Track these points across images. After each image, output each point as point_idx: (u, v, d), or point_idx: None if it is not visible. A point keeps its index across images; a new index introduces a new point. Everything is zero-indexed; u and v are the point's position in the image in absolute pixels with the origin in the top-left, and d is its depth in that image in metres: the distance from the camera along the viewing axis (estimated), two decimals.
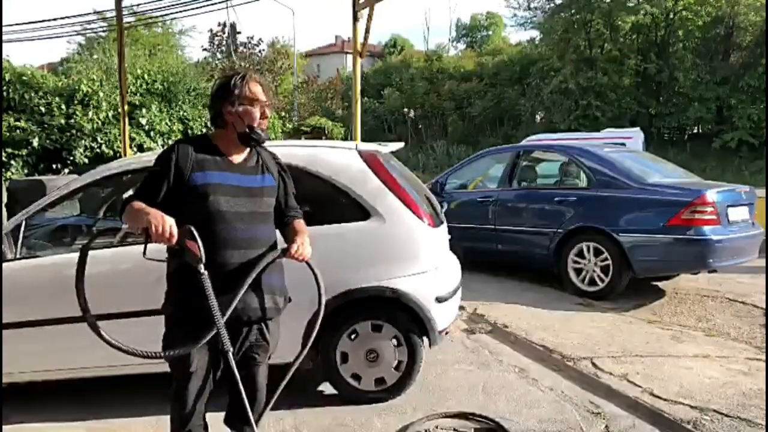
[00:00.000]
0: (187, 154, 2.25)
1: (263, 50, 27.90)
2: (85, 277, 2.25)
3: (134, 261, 3.50)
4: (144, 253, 2.17)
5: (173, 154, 2.25)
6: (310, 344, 2.48)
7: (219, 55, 24.70)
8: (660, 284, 6.64)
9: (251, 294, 2.30)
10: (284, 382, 2.43)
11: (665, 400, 3.65)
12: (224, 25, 24.15)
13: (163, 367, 2.49)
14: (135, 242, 3.30)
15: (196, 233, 2.10)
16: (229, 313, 2.20)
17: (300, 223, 2.52)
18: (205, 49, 26.36)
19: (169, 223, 2.05)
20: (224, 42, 24.64)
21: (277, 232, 2.51)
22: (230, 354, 2.25)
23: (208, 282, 2.14)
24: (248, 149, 2.39)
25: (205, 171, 2.25)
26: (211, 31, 25.36)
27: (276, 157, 2.52)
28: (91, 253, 2.30)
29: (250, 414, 2.36)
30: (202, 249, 2.10)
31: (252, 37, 26.07)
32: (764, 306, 5.65)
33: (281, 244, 2.45)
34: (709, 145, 22.62)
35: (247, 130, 2.29)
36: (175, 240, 2.06)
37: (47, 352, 3.59)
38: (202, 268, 2.12)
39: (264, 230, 2.37)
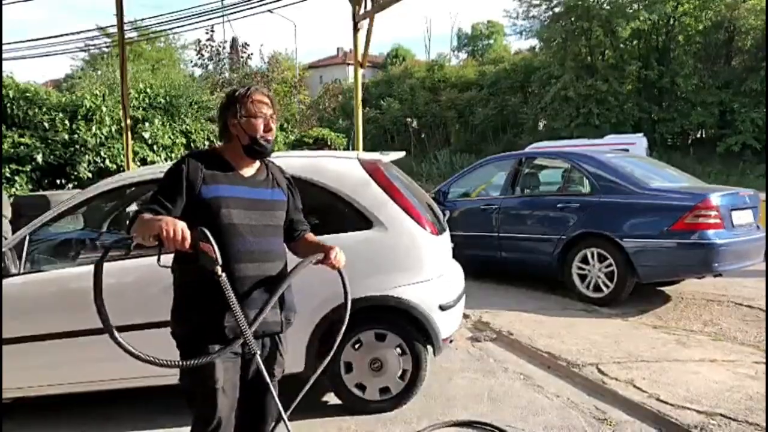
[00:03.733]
0: (197, 167, 2.21)
1: (258, 61, 27.84)
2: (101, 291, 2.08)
3: (138, 273, 3.55)
4: (159, 260, 2.06)
5: (183, 166, 2.21)
6: (331, 355, 2.43)
7: (211, 67, 24.44)
8: (665, 289, 6.61)
9: (277, 305, 2.26)
10: (301, 395, 2.34)
11: (672, 405, 3.62)
12: (212, 32, 23.79)
13: (169, 380, 2.46)
14: (139, 254, 3.32)
15: (209, 234, 2.00)
16: (256, 324, 2.13)
17: (313, 237, 2.49)
18: (195, 65, 26.02)
19: (181, 227, 1.96)
20: (215, 52, 24.34)
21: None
22: (258, 357, 2.17)
23: (228, 285, 2.04)
24: (258, 163, 2.36)
25: (216, 184, 2.21)
26: (198, 41, 24.89)
27: (284, 172, 2.49)
28: (84, 268, 2.26)
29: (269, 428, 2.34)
30: (217, 250, 1.99)
31: (245, 44, 25.67)
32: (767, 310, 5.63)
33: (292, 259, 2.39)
34: (712, 149, 22.63)
35: (249, 142, 2.26)
36: (188, 243, 1.95)
37: (53, 367, 3.59)
38: (219, 270, 2.01)
39: (276, 243, 2.33)
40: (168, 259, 2.15)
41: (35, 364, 3.55)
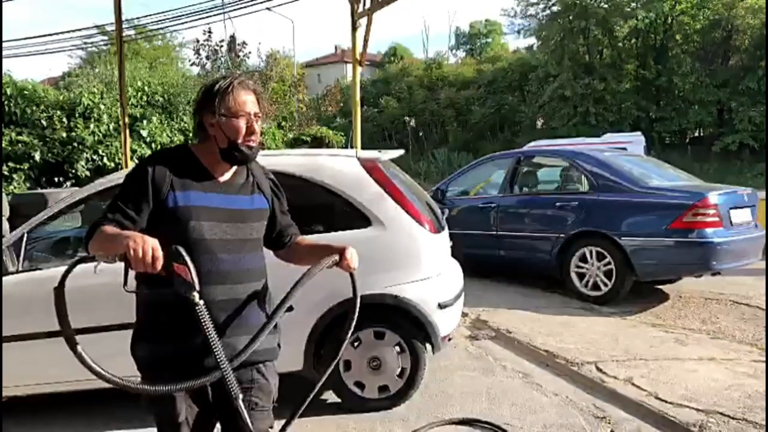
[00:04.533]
0: (164, 169, 1.87)
1: (257, 60, 27.75)
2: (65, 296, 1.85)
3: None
4: (125, 284, 1.79)
5: (149, 168, 1.86)
6: (339, 359, 2.25)
7: (209, 66, 24.35)
8: (663, 287, 6.61)
9: (242, 335, 1.90)
10: (309, 398, 2.09)
11: (670, 403, 3.62)
12: (210, 33, 23.72)
13: None
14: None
15: (185, 254, 1.68)
16: (243, 357, 1.82)
17: (306, 239, 2.22)
18: (193, 63, 25.91)
19: (151, 244, 1.62)
20: (213, 51, 24.24)
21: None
22: (240, 401, 1.84)
23: (206, 314, 1.74)
24: (235, 167, 2.01)
25: (186, 191, 1.88)
26: (197, 41, 24.77)
27: (267, 173, 2.15)
28: (81, 266, 2.00)
29: None
30: (194, 273, 1.69)
31: (243, 43, 25.58)
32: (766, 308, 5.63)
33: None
34: (710, 148, 22.66)
35: (227, 146, 1.91)
36: (160, 264, 1.63)
37: (50, 365, 3.58)
38: (197, 297, 1.71)
39: (254, 260, 2.00)
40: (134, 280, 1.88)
41: (33, 362, 3.54)
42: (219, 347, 1.77)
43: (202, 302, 1.73)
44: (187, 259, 1.69)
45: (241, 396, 1.84)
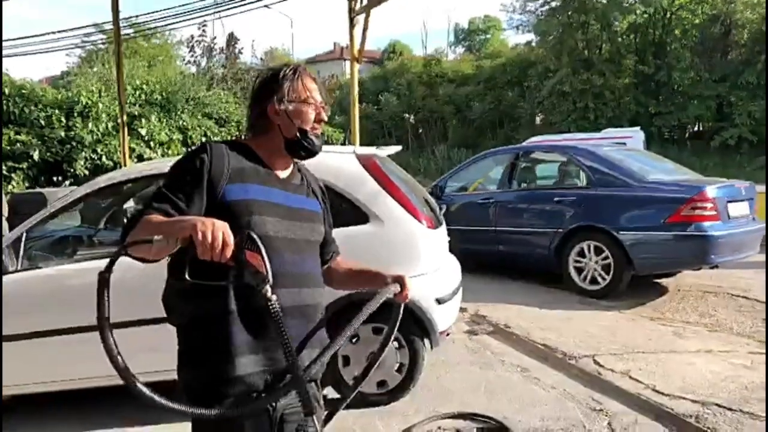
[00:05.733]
0: (223, 158, 1.66)
1: (250, 57, 27.69)
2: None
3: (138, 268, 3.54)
4: (186, 273, 1.43)
5: (205, 156, 1.64)
6: (370, 374, 1.92)
7: (204, 64, 24.26)
8: (662, 281, 6.64)
9: (306, 347, 1.68)
10: (342, 406, 1.92)
11: (667, 395, 3.65)
12: (204, 27, 23.60)
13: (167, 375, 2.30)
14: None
15: (258, 240, 1.45)
16: (316, 368, 1.59)
17: (346, 261, 2.01)
18: (187, 62, 25.82)
19: (221, 228, 1.38)
20: (208, 48, 24.15)
21: None
22: (315, 419, 1.61)
23: (280, 312, 1.47)
24: (292, 164, 1.84)
25: (245, 183, 1.67)
26: (191, 37, 24.67)
27: (317, 179, 1.98)
28: (82, 264, 1.83)
29: None
30: (267, 262, 1.44)
31: (233, 37, 25.49)
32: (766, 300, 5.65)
33: None
34: (709, 142, 22.65)
35: (298, 135, 1.74)
36: (230, 251, 1.37)
37: (50, 364, 3.60)
38: (269, 292, 1.44)
39: (317, 264, 1.82)
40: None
41: (34, 361, 3.56)
42: (293, 354, 1.50)
43: (275, 298, 1.46)
44: (261, 245, 1.45)
45: (316, 413, 1.63)
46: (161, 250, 1.42)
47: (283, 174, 1.79)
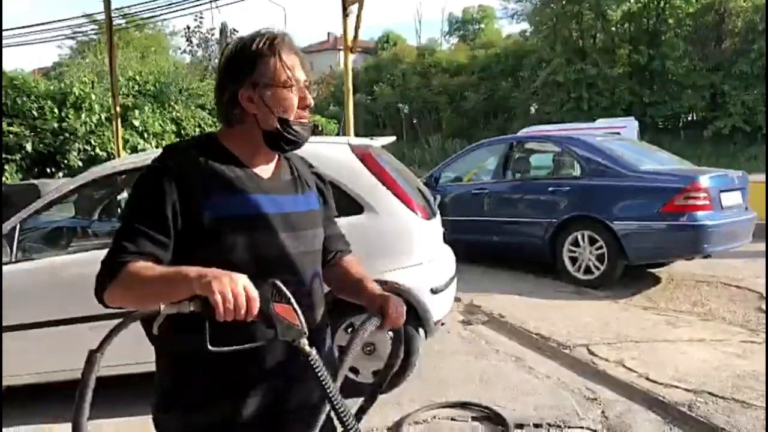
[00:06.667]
0: (190, 169, 1.36)
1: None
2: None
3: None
4: (208, 342, 1.20)
5: (168, 169, 1.36)
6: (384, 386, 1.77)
7: (200, 54, 24.16)
8: (655, 271, 6.67)
9: (304, 380, 1.39)
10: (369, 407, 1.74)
11: (660, 384, 3.68)
12: (201, 18, 23.47)
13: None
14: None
15: (284, 288, 1.23)
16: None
17: (356, 263, 1.69)
18: (184, 51, 25.71)
19: (242, 283, 1.18)
20: (204, 39, 24.03)
21: None
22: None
23: (322, 365, 1.26)
24: (275, 156, 1.52)
25: (225, 196, 1.37)
26: (188, 27, 24.56)
27: (310, 164, 1.67)
28: (76, 255, 1.84)
29: None
30: (300, 313, 1.24)
31: (233, 30, 25.38)
32: (758, 290, 5.70)
33: None
34: (703, 132, 22.73)
35: (278, 126, 1.42)
36: (257, 307, 1.19)
37: (44, 354, 3.61)
38: (307, 346, 1.25)
39: (317, 279, 1.54)
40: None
41: (28, 352, 3.57)
42: (348, 412, 1.30)
43: (314, 351, 1.26)
44: (289, 295, 1.23)
45: None
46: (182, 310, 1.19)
47: (266, 171, 1.48)
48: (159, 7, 26.55)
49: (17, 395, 3.76)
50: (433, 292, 3.76)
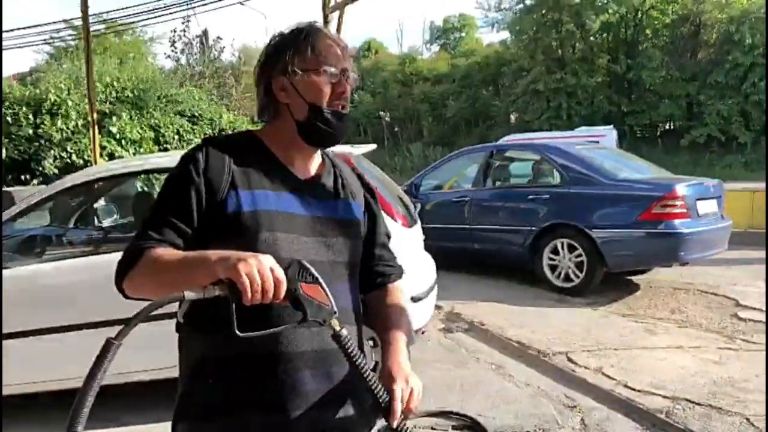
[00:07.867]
0: (222, 158, 1.30)
1: (230, 56, 27.56)
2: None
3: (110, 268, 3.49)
4: (235, 327, 1.10)
5: (200, 155, 1.30)
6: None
7: (183, 60, 24.06)
8: (634, 278, 6.73)
9: (326, 407, 1.30)
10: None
11: (639, 391, 3.70)
12: (188, 22, 23.40)
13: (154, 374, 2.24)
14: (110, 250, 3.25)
15: (311, 268, 1.15)
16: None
17: (399, 295, 1.53)
18: (167, 56, 25.71)
19: (269, 264, 1.09)
20: (188, 44, 23.95)
21: None
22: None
23: (354, 346, 1.18)
24: (320, 158, 1.44)
25: (252, 190, 1.30)
26: (174, 31, 24.57)
27: (361, 175, 1.55)
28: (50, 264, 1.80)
29: None
30: (328, 291, 1.16)
31: (217, 38, 25.40)
32: (734, 297, 5.78)
33: None
34: (679, 141, 23.09)
35: (309, 114, 1.33)
36: (285, 288, 1.11)
37: (23, 365, 3.53)
38: (337, 325, 1.16)
39: (349, 294, 1.38)
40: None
41: (5, 362, 3.49)
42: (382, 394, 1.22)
43: (345, 332, 1.17)
44: (318, 275, 1.15)
45: None
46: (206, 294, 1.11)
47: (304, 172, 1.38)
48: (137, 13, 26.37)
49: (12, 406, 3.68)
50: (414, 300, 3.75)
